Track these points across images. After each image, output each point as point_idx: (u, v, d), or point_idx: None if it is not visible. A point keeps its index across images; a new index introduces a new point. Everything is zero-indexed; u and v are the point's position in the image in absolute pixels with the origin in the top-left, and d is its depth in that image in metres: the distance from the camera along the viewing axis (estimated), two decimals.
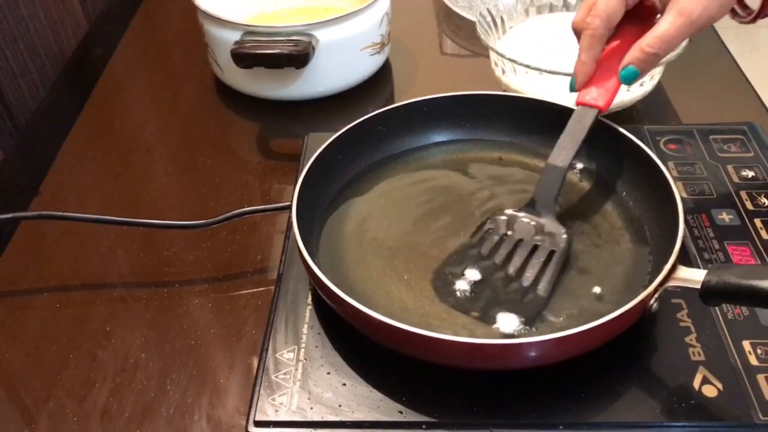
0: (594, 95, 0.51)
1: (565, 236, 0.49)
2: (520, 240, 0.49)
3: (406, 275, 0.48)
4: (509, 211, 0.50)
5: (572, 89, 0.53)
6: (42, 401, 0.49)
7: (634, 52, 0.49)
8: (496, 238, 0.49)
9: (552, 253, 0.48)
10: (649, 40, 0.49)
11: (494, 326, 0.44)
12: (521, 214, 0.50)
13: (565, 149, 0.50)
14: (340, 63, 0.71)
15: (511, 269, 0.47)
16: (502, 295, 0.46)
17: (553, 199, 0.50)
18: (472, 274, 0.47)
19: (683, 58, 0.63)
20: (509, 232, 0.49)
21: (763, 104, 0.70)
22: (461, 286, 0.47)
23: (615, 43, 0.53)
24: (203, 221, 0.57)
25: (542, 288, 0.46)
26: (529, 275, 0.47)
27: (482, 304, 0.45)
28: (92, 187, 0.66)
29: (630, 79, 0.50)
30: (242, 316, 0.54)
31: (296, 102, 0.73)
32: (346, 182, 0.55)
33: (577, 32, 0.53)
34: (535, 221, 0.50)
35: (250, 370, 0.50)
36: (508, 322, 0.44)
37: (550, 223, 0.50)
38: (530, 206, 0.50)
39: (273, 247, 0.59)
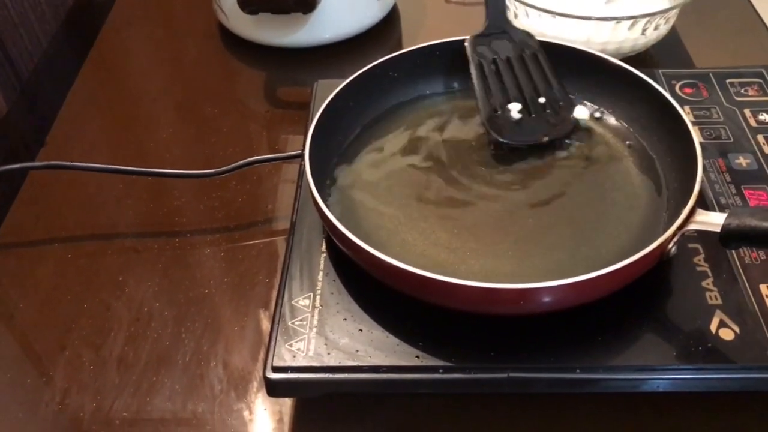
0: None
1: (533, 37, 0.54)
2: (509, 59, 0.54)
3: (422, 223, 0.48)
4: (472, 37, 0.54)
5: None
6: (58, 350, 0.49)
7: None
8: (493, 67, 0.54)
9: (540, 57, 0.54)
10: None
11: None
12: (489, 35, 0.54)
13: None
14: (347, 8, 0.69)
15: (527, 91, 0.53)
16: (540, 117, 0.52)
17: (504, 12, 0.55)
18: (515, 108, 0.53)
19: (697, 1, 0.61)
20: (496, 57, 0.54)
21: None
22: (511, 117, 0.53)
23: None
24: (214, 170, 0.56)
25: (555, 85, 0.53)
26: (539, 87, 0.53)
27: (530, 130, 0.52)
28: (99, 137, 0.66)
29: None
30: (255, 265, 0.53)
31: (303, 49, 0.72)
32: (358, 130, 0.54)
33: None
34: (504, 38, 0.54)
35: (265, 318, 0.50)
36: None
37: (515, 33, 0.55)
38: (489, 26, 0.55)
39: (283, 196, 0.58)
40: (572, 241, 0.46)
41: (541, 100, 0.53)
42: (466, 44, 0.53)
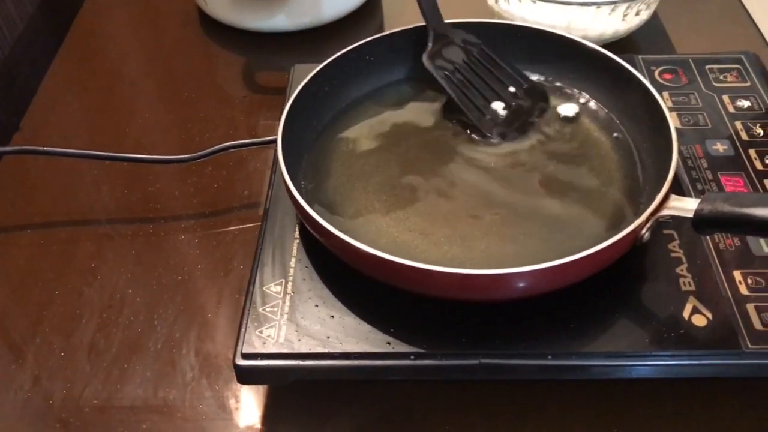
0: None
1: (469, 34, 0.55)
2: (466, 63, 0.54)
3: (396, 209, 0.47)
4: (427, 54, 0.54)
5: None
6: (29, 337, 0.48)
7: None
8: (459, 76, 0.54)
9: (486, 51, 0.55)
10: None
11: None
12: (438, 46, 0.54)
13: None
14: None
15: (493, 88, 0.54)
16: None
17: (440, 16, 0.54)
18: (499, 107, 0.53)
19: None
20: (456, 65, 0.54)
21: (762, 34, 0.69)
22: (499, 115, 0.53)
23: None
24: (188, 155, 0.55)
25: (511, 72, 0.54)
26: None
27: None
28: (75, 122, 0.65)
29: None
30: (230, 251, 0.53)
31: (283, 34, 0.71)
32: (334, 114, 0.53)
33: None
34: (450, 44, 0.54)
35: (238, 305, 0.49)
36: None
37: (456, 35, 0.55)
38: (435, 37, 0.54)
39: (260, 182, 0.58)
40: (547, 227, 0.45)
41: (511, 89, 0.54)
42: (425, 64, 0.53)
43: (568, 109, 0.53)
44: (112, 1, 0.79)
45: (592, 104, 0.54)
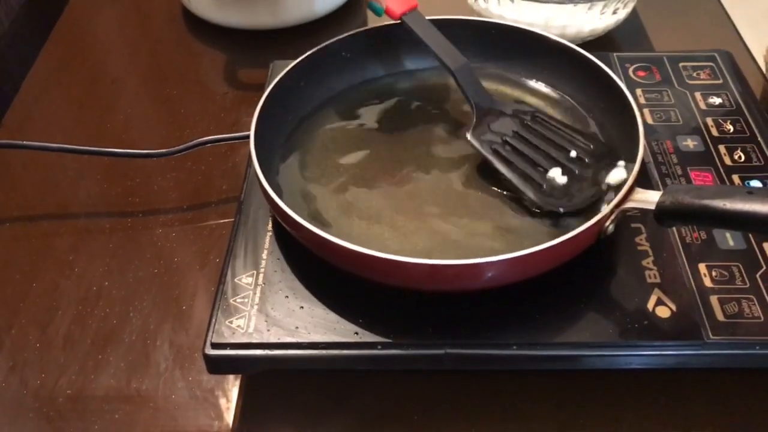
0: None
1: (522, 102, 0.53)
2: (517, 133, 0.50)
3: (368, 201, 0.48)
4: (472, 132, 0.50)
5: (380, 13, 0.54)
6: (5, 329, 0.49)
7: None
8: (508, 148, 0.49)
9: (540, 117, 0.51)
10: None
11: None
12: (484, 121, 0.50)
13: (448, 50, 0.52)
14: None
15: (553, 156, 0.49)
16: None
17: (483, 90, 0.51)
18: (557, 173, 0.48)
19: None
20: (505, 137, 0.50)
21: (738, 33, 0.70)
22: (558, 184, 0.47)
23: None
24: (166, 150, 0.56)
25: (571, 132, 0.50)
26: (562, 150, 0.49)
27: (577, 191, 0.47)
28: (57, 117, 0.65)
29: None
30: (206, 244, 0.53)
31: (265, 31, 0.71)
32: (310, 109, 0.54)
33: None
34: (498, 116, 0.51)
35: (213, 297, 0.50)
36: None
37: (505, 107, 0.51)
38: (480, 112, 0.51)
39: (239, 177, 0.58)
40: (515, 219, 0.46)
41: (573, 153, 0.48)
42: (470, 141, 0.49)
43: (615, 175, 0.47)
44: None
45: (565, 100, 0.54)
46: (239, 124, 0.64)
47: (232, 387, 0.45)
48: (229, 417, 0.44)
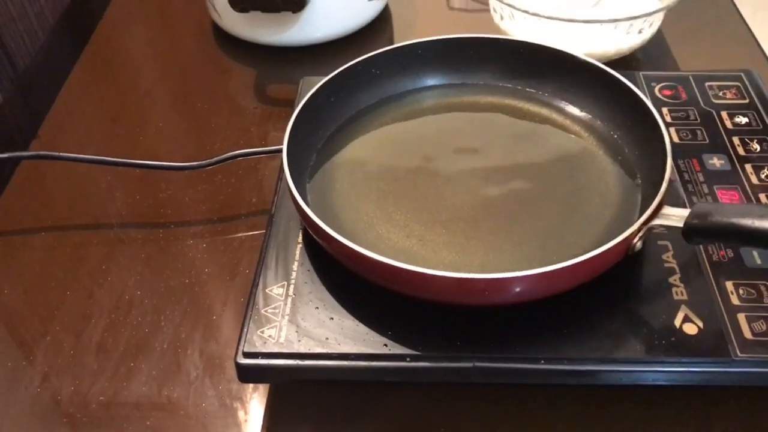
0: None
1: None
2: None
3: (396, 215, 0.48)
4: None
5: None
6: (40, 336, 0.50)
7: None
8: None
9: None
10: None
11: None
12: None
13: None
14: (337, 7, 0.70)
15: None
16: None
17: None
18: None
19: (683, 5, 0.62)
20: None
21: (763, 52, 0.70)
22: None
23: None
24: (198, 162, 0.57)
25: None
26: None
27: None
28: (90, 130, 0.67)
29: None
30: (236, 256, 0.54)
31: (294, 48, 0.73)
32: (340, 125, 0.55)
33: None
34: None
35: (243, 308, 0.51)
36: None
37: None
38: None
39: (269, 190, 0.59)
40: (543, 235, 0.47)
41: None
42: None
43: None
44: (130, 14, 0.81)
45: (591, 118, 0.55)
46: (268, 138, 0.65)
47: (261, 396, 0.46)
48: (257, 426, 0.45)
